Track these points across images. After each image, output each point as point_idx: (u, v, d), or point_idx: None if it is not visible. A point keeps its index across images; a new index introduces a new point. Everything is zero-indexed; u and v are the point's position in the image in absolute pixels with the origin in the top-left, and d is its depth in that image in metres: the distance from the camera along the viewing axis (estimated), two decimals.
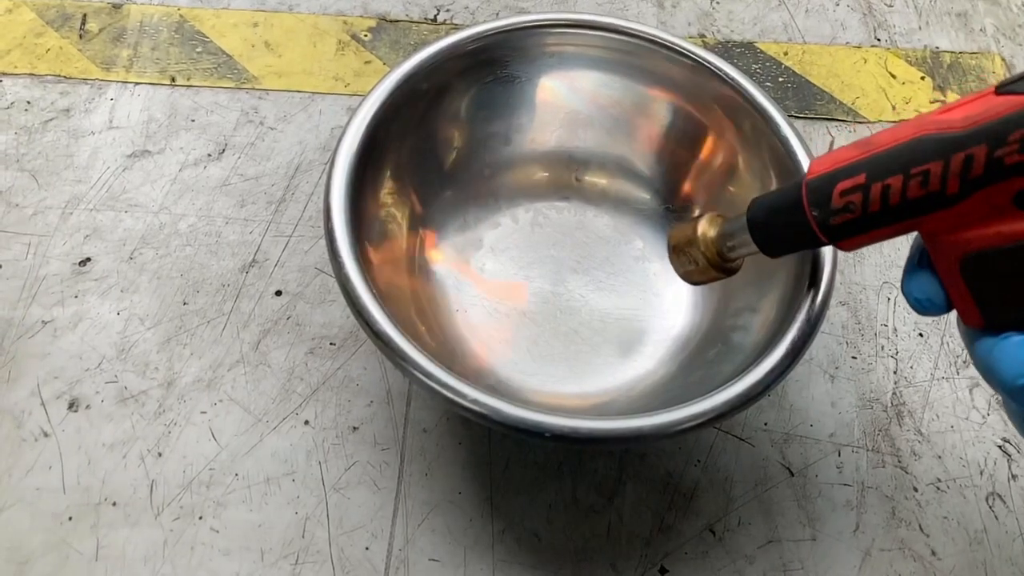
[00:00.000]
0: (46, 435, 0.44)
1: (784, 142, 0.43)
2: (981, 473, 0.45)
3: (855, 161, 0.29)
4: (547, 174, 0.51)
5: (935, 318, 0.50)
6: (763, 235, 0.34)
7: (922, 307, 0.30)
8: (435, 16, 0.63)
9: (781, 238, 0.34)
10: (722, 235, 0.37)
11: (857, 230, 0.30)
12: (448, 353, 0.43)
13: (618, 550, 0.42)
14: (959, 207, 0.27)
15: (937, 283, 0.30)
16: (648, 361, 0.46)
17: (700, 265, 0.38)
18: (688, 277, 0.40)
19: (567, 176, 0.51)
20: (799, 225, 0.32)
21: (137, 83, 0.58)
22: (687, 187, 0.49)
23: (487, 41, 0.46)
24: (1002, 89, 0.26)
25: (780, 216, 0.33)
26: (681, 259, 0.39)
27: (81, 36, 0.60)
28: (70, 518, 0.41)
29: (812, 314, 0.38)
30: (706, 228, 0.37)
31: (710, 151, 0.48)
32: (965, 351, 0.49)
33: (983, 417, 0.47)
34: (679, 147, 0.49)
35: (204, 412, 0.45)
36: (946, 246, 0.28)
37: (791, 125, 0.43)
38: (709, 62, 0.45)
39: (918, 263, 0.30)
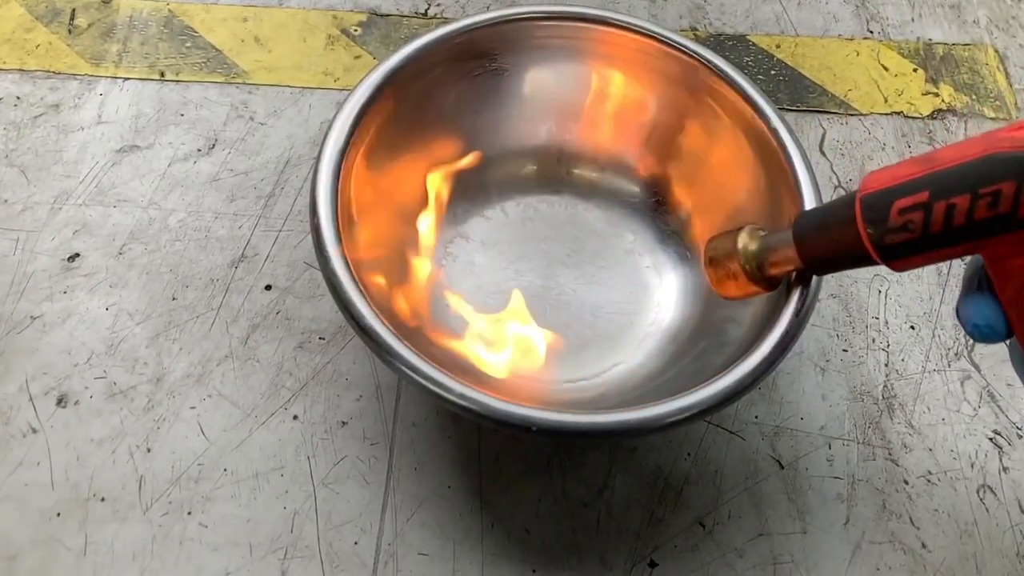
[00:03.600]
0: (34, 431, 0.43)
1: (775, 134, 0.43)
2: (972, 466, 0.45)
3: (917, 178, 0.28)
4: (537, 167, 0.51)
5: (926, 311, 0.50)
6: (809, 252, 0.33)
7: (981, 333, 0.29)
8: (425, 10, 0.63)
9: (829, 256, 0.32)
10: (764, 249, 0.35)
11: (914, 251, 0.28)
12: (436, 348, 0.43)
13: (608, 544, 0.42)
14: None
15: (998, 308, 0.28)
16: (638, 354, 0.46)
17: (739, 280, 0.36)
18: (724, 290, 0.38)
19: (557, 169, 0.51)
20: (850, 243, 0.30)
21: (126, 78, 0.57)
22: (677, 181, 0.49)
23: (475, 34, 0.46)
24: None
25: (829, 233, 0.32)
26: (718, 272, 0.37)
27: (70, 31, 0.59)
28: (58, 514, 0.41)
29: (801, 306, 0.38)
30: (747, 241, 0.36)
31: (701, 145, 0.48)
32: (957, 344, 0.49)
33: (974, 410, 0.47)
34: (670, 141, 0.49)
35: (193, 407, 0.45)
36: (1013, 271, 0.27)
37: (782, 118, 0.43)
38: (700, 55, 0.45)
39: (978, 287, 0.29)
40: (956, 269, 0.52)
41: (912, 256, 0.29)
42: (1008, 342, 0.29)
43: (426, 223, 0.48)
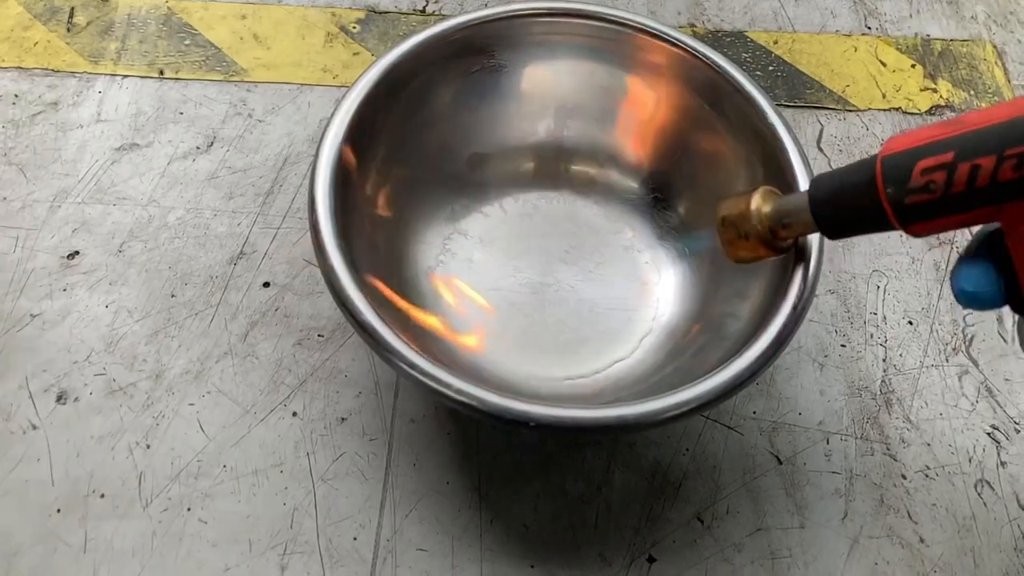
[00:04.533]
0: (34, 428, 0.44)
1: (772, 130, 0.43)
2: (970, 460, 0.45)
3: (943, 139, 0.28)
4: (535, 164, 0.51)
5: (924, 307, 0.50)
6: (825, 214, 0.32)
7: (976, 300, 0.29)
8: (424, 7, 0.63)
9: (845, 218, 0.32)
10: (778, 211, 0.35)
11: (933, 213, 0.28)
12: (435, 344, 0.43)
13: (606, 539, 0.42)
14: None
15: (995, 275, 0.28)
16: (637, 350, 0.46)
17: (750, 240, 0.36)
18: (734, 253, 0.37)
19: (556, 166, 0.51)
20: (868, 205, 0.30)
21: (125, 76, 0.57)
22: (676, 176, 0.49)
23: (473, 30, 0.46)
24: None
25: (847, 194, 0.31)
26: (729, 232, 0.37)
27: (69, 29, 0.59)
28: (59, 510, 0.41)
29: (799, 301, 0.38)
30: (760, 203, 0.35)
31: (699, 140, 0.48)
32: (955, 339, 0.49)
33: (972, 404, 0.47)
34: (668, 136, 0.49)
35: (192, 404, 0.45)
36: None
37: (779, 114, 0.43)
38: (698, 51, 0.45)
39: (976, 253, 0.29)
40: (954, 264, 0.52)
41: (930, 219, 0.29)
42: (1017, 318, 0.29)
43: (424, 220, 0.48)
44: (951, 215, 0.28)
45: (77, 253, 0.49)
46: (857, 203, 0.31)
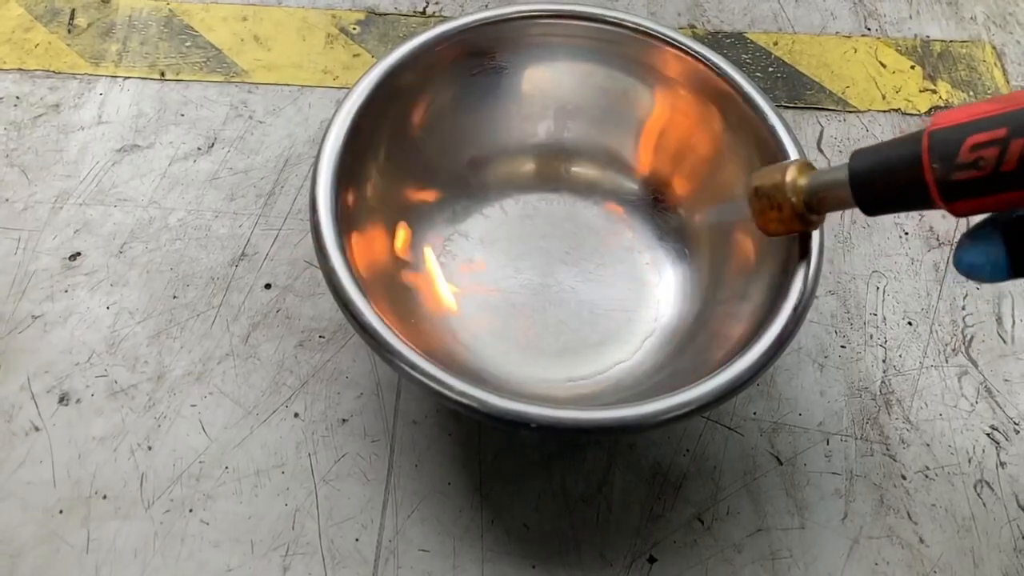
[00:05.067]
0: (37, 429, 0.44)
1: (772, 131, 0.43)
2: (969, 461, 0.45)
3: (995, 114, 0.27)
4: (536, 165, 0.51)
5: (924, 307, 0.50)
6: (865, 189, 0.31)
7: (984, 272, 0.29)
8: (424, 8, 0.63)
9: (886, 194, 0.31)
10: (814, 184, 0.34)
11: (980, 191, 0.28)
12: (436, 345, 0.43)
13: (607, 539, 0.42)
14: None
15: (1002, 248, 0.28)
16: (637, 351, 0.46)
17: (783, 212, 0.35)
18: (765, 224, 0.36)
19: (556, 167, 0.51)
20: (911, 181, 0.29)
21: (126, 77, 0.58)
22: (676, 177, 0.49)
23: (473, 32, 0.46)
24: None
25: (889, 169, 0.30)
26: (762, 202, 0.36)
27: (70, 31, 0.59)
28: (61, 511, 0.42)
29: (799, 303, 0.38)
30: (796, 174, 0.34)
31: (699, 141, 0.48)
32: (955, 340, 0.49)
33: (971, 405, 0.47)
34: (668, 138, 0.49)
35: (194, 405, 0.45)
36: None
37: (779, 115, 0.43)
38: (698, 52, 0.45)
39: (981, 226, 0.29)
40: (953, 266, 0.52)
41: (975, 197, 0.28)
42: None
43: (425, 221, 0.48)
44: (998, 193, 0.27)
45: (79, 254, 0.50)
46: (899, 178, 0.30)
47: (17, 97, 0.56)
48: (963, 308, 0.51)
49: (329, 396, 0.46)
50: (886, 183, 0.31)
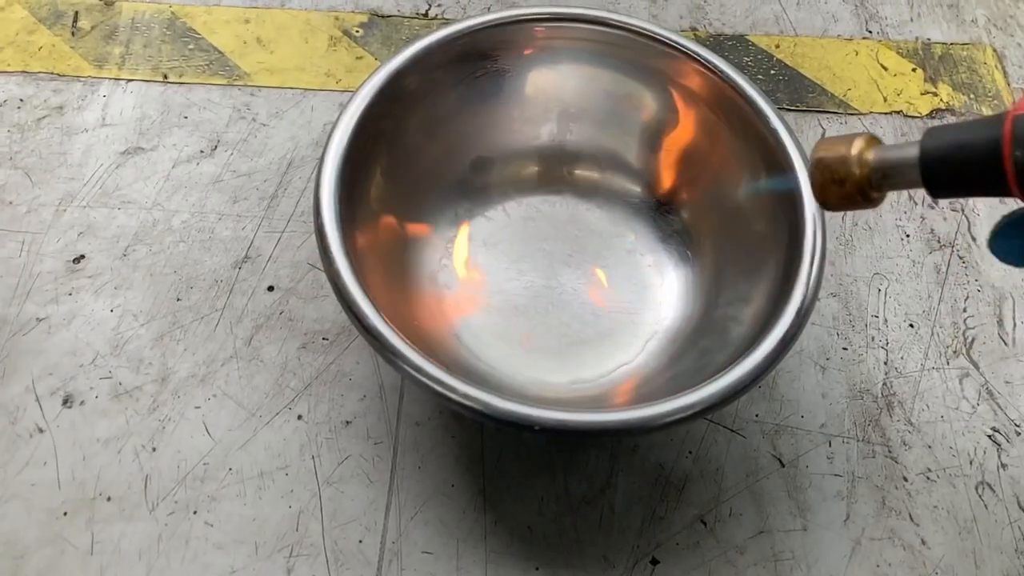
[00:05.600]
0: (41, 431, 0.44)
1: (774, 134, 0.43)
2: (971, 463, 0.45)
3: None
4: (538, 168, 0.51)
5: (925, 310, 0.50)
6: (936, 171, 0.30)
7: (1013, 257, 0.29)
8: (426, 11, 0.63)
9: (957, 178, 0.30)
10: (882, 160, 0.32)
11: None
12: (440, 347, 0.43)
13: (610, 541, 0.42)
14: None
15: None
16: (640, 354, 0.46)
17: (846, 187, 0.33)
18: (825, 198, 0.34)
19: (559, 170, 0.51)
20: (988, 166, 0.28)
21: (130, 80, 0.58)
22: (678, 180, 0.49)
23: (477, 35, 0.46)
24: None
25: (965, 152, 0.29)
26: (824, 176, 0.34)
27: (73, 33, 0.60)
28: (65, 513, 0.42)
29: (802, 305, 0.38)
30: (863, 147, 0.33)
31: (701, 144, 0.48)
32: (956, 342, 0.49)
33: (973, 407, 0.47)
34: (670, 140, 0.49)
35: (198, 407, 0.45)
36: None
37: (781, 117, 0.43)
38: (700, 55, 0.46)
39: (1020, 211, 0.28)
40: (955, 267, 0.52)
41: None
42: None
43: (428, 224, 0.48)
44: None
45: (83, 257, 0.50)
46: (974, 162, 0.29)
47: (21, 100, 0.56)
48: (964, 310, 0.51)
49: (332, 398, 0.46)
50: (959, 166, 0.29)
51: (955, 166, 0.29)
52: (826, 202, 0.35)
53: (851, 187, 0.33)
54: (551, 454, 0.45)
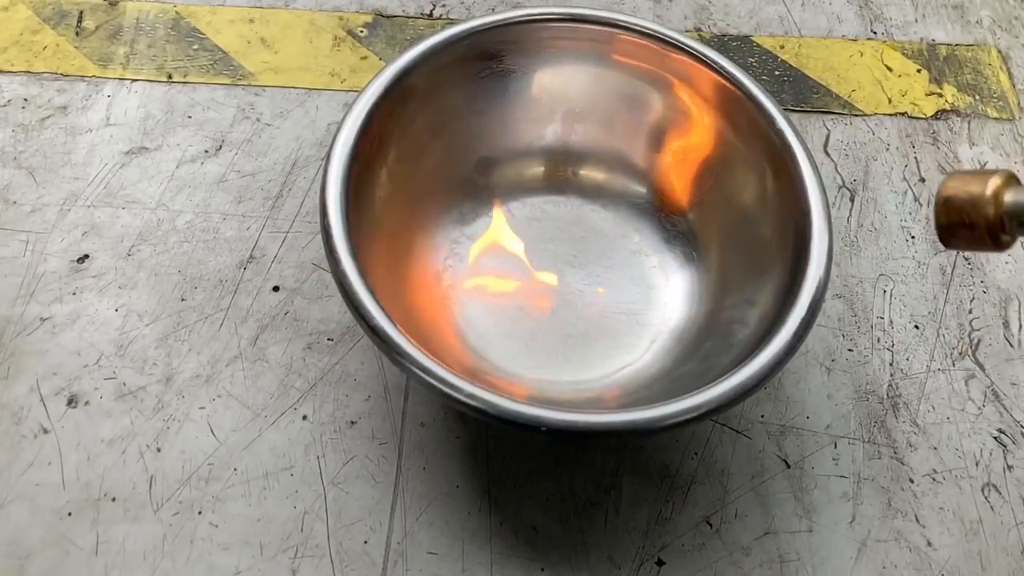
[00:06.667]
0: (45, 431, 0.44)
1: (780, 135, 0.43)
2: (977, 464, 0.45)
3: None
4: (543, 168, 0.51)
5: (930, 311, 0.50)
6: None
7: None
8: (431, 11, 0.63)
9: None
10: (1021, 205, 0.30)
11: None
12: (445, 348, 0.43)
13: (615, 542, 0.42)
14: None
15: None
16: (645, 355, 0.46)
17: (975, 230, 0.30)
18: (950, 238, 0.32)
19: (563, 170, 0.51)
20: None
21: (134, 80, 0.58)
22: (683, 181, 0.49)
23: (482, 35, 0.46)
24: None
25: None
26: (951, 216, 0.31)
27: (78, 33, 0.60)
28: (70, 513, 0.42)
29: (809, 307, 0.38)
30: (1000, 187, 0.30)
31: (706, 145, 0.48)
32: (961, 344, 0.49)
33: (979, 408, 0.47)
34: (675, 141, 0.49)
35: (202, 408, 0.45)
36: None
37: (787, 118, 0.43)
38: (705, 56, 0.45)
39: None
40: (960, 269, 0.52)
41: None
42: None
43: (433, 223, 0.48)
44: None
45: (87, 257, 0.50)
46: None
47: (25, 99, 0.56)
48: (970, 312, 0.51)
49: (337, 399, 0.46)
50: None
51: None
52: (952, 244, 0.32)
53: (981, 231, 0.30)
54: (556, 455, 0.45)
